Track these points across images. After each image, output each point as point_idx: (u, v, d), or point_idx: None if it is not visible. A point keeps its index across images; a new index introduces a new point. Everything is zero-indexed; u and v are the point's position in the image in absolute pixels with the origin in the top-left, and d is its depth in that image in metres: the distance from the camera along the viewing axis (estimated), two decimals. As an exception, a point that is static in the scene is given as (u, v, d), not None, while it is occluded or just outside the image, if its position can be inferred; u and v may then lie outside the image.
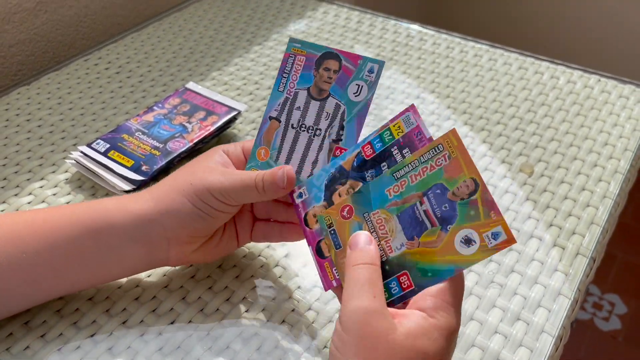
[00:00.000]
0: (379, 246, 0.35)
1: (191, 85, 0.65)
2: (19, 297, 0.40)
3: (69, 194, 0.55)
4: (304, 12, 0.87)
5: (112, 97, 0.68)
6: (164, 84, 0.71)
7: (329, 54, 0.41)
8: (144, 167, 0.54)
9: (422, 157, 0.35)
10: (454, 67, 0.75)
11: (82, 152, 0.56)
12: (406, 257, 0.35)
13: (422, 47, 0.79)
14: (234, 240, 0.45)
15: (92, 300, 0.45)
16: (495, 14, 1.74)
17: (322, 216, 0.37)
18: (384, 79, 0.72)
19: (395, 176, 0.35)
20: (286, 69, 0.42)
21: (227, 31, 0.82)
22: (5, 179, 0.56)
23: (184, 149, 0.56)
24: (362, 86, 0.40)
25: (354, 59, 0.40)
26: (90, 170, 0.55)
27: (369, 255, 0.34)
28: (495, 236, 0.32)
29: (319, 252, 0.39)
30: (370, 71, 0.40)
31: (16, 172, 0.57)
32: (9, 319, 0.43)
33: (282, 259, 0.49)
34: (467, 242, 0.33)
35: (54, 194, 0.54)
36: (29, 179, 0.56)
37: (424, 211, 0.34)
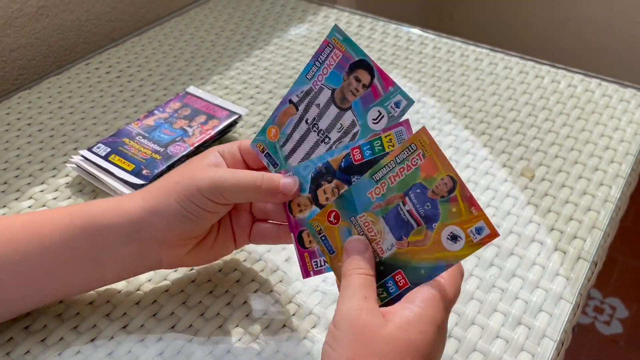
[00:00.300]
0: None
1: (192, 89, 0.65)
2: (16, 300, 0.40)
3: (70, 198, 0.55)
4: (304, 17, 0.87)
5: (113, 101, 0.68)
6: (164, 88, 0.71)
7: (365, 64, 0.39)
8: (144, 171, 0.54)
9: (397, 158, 0.35)
10: (455, 71, 0.75)
11: (82, 156, 0.56)
12: (398, 257, 0.35)
13: (423, 51, 0.79)
14: (231, 241, 0.44)
15: (93, 304, 0.45)
16: (495, 18, 1.75)
17: (310, 224, 0.38)
18: (385, 83, 0.72)
19: (374, 178, 0.36)
20: (320, 58, 0.40)
21: (228, 35, 0.82)
22: (5, 183, 0.56)
23: (184, 153, 0.56)
24: (383, 116, 0.38)
25: (387, 82, 0.38)
26: (91, 174, 0.55)
27: (363, 263, 0.35)
28: (478, 231, 0.33)
29: (299, 241, 0.40)
30: (396, 104, 0.38)
31: (17, 176, 0.57)
32: (9, 323, 0.43)
33: (283, 264, 0.49)
34: (454, 238, 0.33)
35: (55, 198, 0.54)
36: (29, 183, 0.56)
37: (408, 211, 0.35)
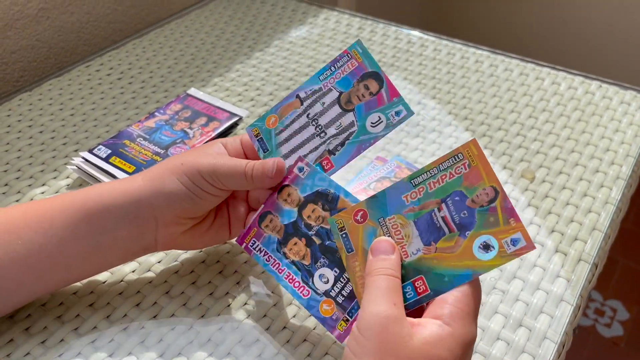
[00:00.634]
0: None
1: (192, 91, 0.65)
2: (19, 287, 0.40)
3: (71, 199, 0.55)
4: (305, 19, 0.87)
5: (114, 103, 0.68)
6: (165, 90, 0.71)
7: (376, 75, 0.41)
8: (145, 173, 0.54)
9: (441, 165, 0.35)
10: (455, 73, 0.75)
11: (83, 158, 0.56)
12: (422, 262, 0.35)
13: (423, 53, 0.79)
14: (225, 229, 0.45)
15: (93, 306, 0.45)
16: (496, 20, 1.75)
17: (333, 219, 0.38)
18: (385, 85, 0.72)
19: (413, 183, 0.36)
20: (337, 64, 0.42)
21: (228, 37, 0.83)
22: (6, 184, 0.56)
23: (185, 155, 0.56)
24: (382, 121, 0.41)
25: (393, 93, 0.41)
26: (91, 176, 0.55)
27: (391, 264, 0.35)
28: (514, 242, 0.33)
29: (260, 218, 0.42)
30: (397, 113, 0.40)
31: (18, 178, 0.57)
32: (10, 324, 0.43)
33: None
34: (486, 247, 0.33)
35: (56, 200, 0.54)
36: (30, 185, 0.56)
37: (442, 217, 0.35)
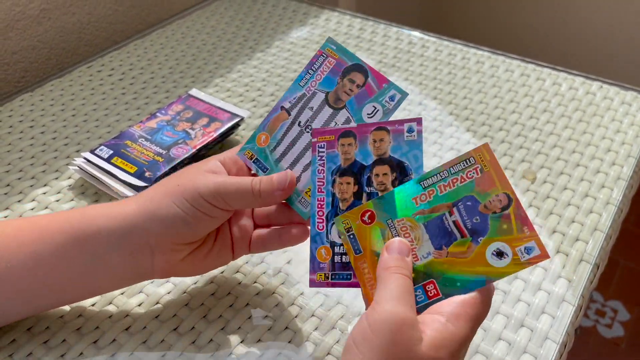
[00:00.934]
0: None
1: (194, 91, 0.65)
2: (7, 309, 0.39)
3: (72, 200, 0.55)
4: (306, 20, 0.87)
5: (115, 103, 0.68)
6: (167, 90, 0.71)
7: (359, 67, 0.40)
8: (147, 174, 0.54)
9: (451, 169, 0.35)
10: (456, 74, 0.75)
11: (85, 158, 0.56)
12: (433, 266, 0.34)
13: (424, 54, 0.79)
14: (228, 251, 0.42)
15: (94, 306, 0.45)
16: (497, 21, 1.75)
17: (339, 219, 0.37)
18: (386, 86, 0.72)
19: (422, 185, 0.35)
20: (314, 66, 0.41)
21: (229, 38, 0.83)
22: (8, 185, 0.56)
23: (187, 155, 0.56)
24: (378, 110, 0.40)
25: (380, 80, 0.40)
26: (93, 176, 0.55)
27: (407, 265, 0.34)
28: (528, 251, 0.33)
29: (343, 134, 0.39)
30: (391, 98, 0.40)
31: (19, 179, 0.57)
32: (12, 325, 0.43)
33: (285, 266, 0.49)
34: (499, 254, 0.33)
35: (57, 200, 0.55)
36: (32, 185, 0.56)
37: (454, 222, 0.34)
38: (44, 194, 0.55)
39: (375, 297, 0.33)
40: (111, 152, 0.56)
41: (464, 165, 0.34)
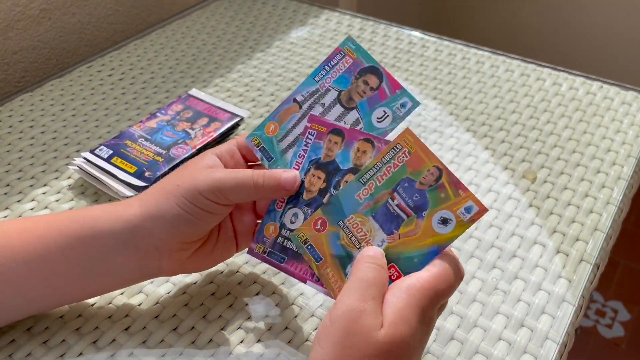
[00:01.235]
0: (360, 248, 0.37)
1: (194, 91, 0.65)
2: (10, 308, 0.39)
3: (72, 200, 0.55)
4: (306, 19, 0.87)
5: (115, 103, 0.68)
6: (166, 90, 0.71)
7: (374, 69, 0.41)
8: (147, 173, 0.54)
9: (383, 159, 0.37)
10: (456, 74, 0.75)
11: (85, 158, 0.56)
12: (390, 250, 0.36)
13: (424, 54, 0.79)
14: (232, 244, 0.43)
15: (94, 306, 0.45)
16: (497, 21, 1.75)
17: (295, 235, 0.38)
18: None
19: (362, 181, 0.37)
20: (330, 63, 0.41)
21: (229, 38, 0.83)
22: (8, 185, 0.56)
23: (186, 155, 0.56)
24: (388, 115, 0.40)
25: (394, 85, 0.40)
26: (93, 176, 0.55)
27: (379, 258, 0.35)
28: (468, 210, 0.34)
29: (333, 131, 0.40)
30: (402, 105, 0.40)
31: (19, 178, 0.57)
32: (12, 325, 0.43)
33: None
34: (444, 221, 0.35)
35: (57, 200, 0.54)
36: (32, 185, 0.56)
37: (397, 205, 0.36)
38: (44, 194, 0.55)
39: (342, 291, 0.34)
40: (111, 152, 0.56)
41: (393, 152, 0.36)
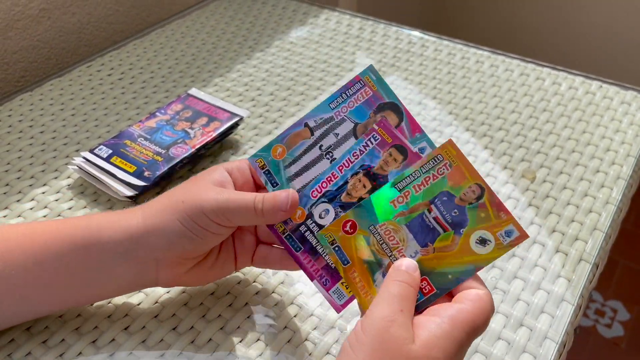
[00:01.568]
0: (392, 256, 0.36)
1: (193, 91, 0.65)
2: (7, 313, 0.39)
3: (72, 199, 0.55)
4: (306, 19, 0.87)
5: (115, 103, 0.68)
6: (166, 90, 0.71)
7: (395, 107, 0.39)
8: (146, 173, 0.54)
9: (422, 168, 0.36)
10: (456, 74, 0.75)
11: (84, 157, 0.56)
12: (423, 263, 0.35)
13: (424, 54, 0.79)
14: (231, 263, 0.42)
15: (93, 306, 0.45)
16: (496, 21, 1.75)
17: (322, 234, 0.37)
18: (386, 85, 0.72)
19: (397, 187, 0.36)
20: (349, 91, 0.40)
21: (229, 38, 0.83)
22: (7, 184, 0.56)
23: (186, 155, 0.56)
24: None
25: (414, 128, 0.39)
26: (92, 176, 0.55)
27: (412, 277, 0.34)
28: (508, 234, 0.34)
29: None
30: (420, 151, 0.39)
31: (19, 178, 0.57)
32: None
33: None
34: (483, 242, 0.35)
35: (57, 200, 0.54)
36: (31, 185, 0.56)
37: (434, 218, 0.35)
38: (43, 193, 0.55)
39: (372, 303, 0.34)
40: (110, 151, 0.56)
41: (433, 163, 0.36)
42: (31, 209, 0.53)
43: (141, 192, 0.53)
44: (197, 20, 0.87)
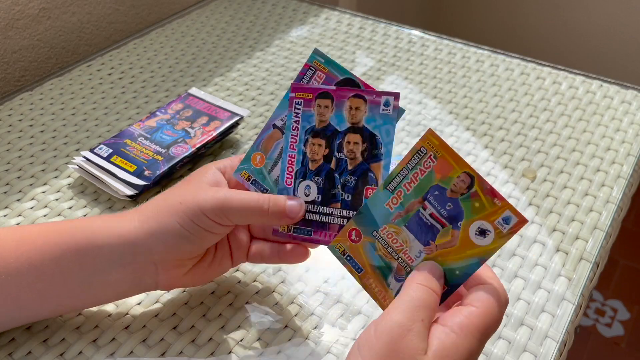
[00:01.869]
0: (398, 259, 0.35)
1: (194, 90, 0.65)
2: (4, 318, 0.39)
3: (72, 199, 0.55)
4: (306, 19, 0.87)
5: (115, 102, 0.68)
6: (166, 89, 0.71)
7: (351, 82, 0.39)
8: (146, 172, 0.54)
9: (408, 165, 0.35)
10: (456, 73, 0.75)
11: (84, 157, 0.56)
12: None
13: (424, 53, 0.79)
14: (228, 260, 0.42)
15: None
16: (496, 20, 1.75)
17: (332, 246, 0.37)
18: (386, 85, 0.72)
19: (389, 189, 0.36)
20: (302, 81, 0.40)
21: (229, 37, 0.83)
22: (8, 184, 0.56)
23: (186, 154, 0.56)
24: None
25: (373, 91, 0.39)
26: (93, 175, 0.55)
27: (435, 283, 0.33)
28: (506, 221, 0.33)
29: (321, 95, 0.39)
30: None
31: (19, 177, 0.57)
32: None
33: (284, 265, 0.48)
34: (482, 233, 0.33)
35: (57, 199, 0.54)
36: (31, 184, 0.56)
37: (430, 215, 0.35)
38: (44, 192, 0.55)
39: (390, 305, 0.33)
40: (111, 150, 0.56)
41: (418, 157, 0.35)
42: (31, 209, 0.53)
43: (141, 191, 0.53)
44: (198, 19, 0.87)
